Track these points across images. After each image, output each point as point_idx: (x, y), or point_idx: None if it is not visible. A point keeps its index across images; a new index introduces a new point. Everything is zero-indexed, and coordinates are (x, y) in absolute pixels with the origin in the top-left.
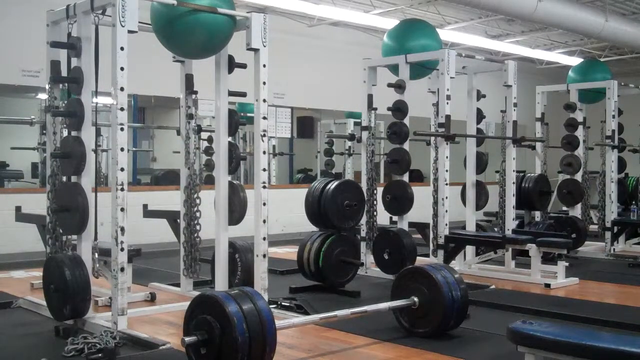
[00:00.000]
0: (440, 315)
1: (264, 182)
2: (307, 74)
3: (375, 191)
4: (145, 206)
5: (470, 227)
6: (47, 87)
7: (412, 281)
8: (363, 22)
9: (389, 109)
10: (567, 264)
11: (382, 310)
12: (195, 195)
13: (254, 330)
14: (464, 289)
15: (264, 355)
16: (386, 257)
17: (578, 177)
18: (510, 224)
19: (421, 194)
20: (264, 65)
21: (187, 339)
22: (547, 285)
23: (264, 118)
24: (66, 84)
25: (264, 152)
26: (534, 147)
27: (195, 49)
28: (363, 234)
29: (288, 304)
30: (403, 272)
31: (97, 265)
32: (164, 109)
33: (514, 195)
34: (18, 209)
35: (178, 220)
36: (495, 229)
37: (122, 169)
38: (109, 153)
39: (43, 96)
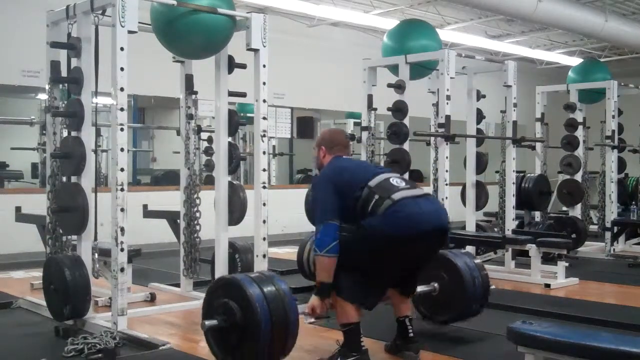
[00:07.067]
0: (463, 301)
1: (264, 183)
2: (307, 74)
3: None
4: (145, 206)
5: (470, 227)
6: (47, 87)
7: (432, 267)
8: (363, 22)
9: (389, 109)
10: (567, 264)
11: None
12: (195, 196)
13: (276, 314)
14: (485, 275)
15: (287, 339)
16: None
17: (578, 177)
18: (510, 224)
19: None
20: (264, 66)
21: (207, 322)
22: (547, 286)
23: (264, 118)
24: (66, 84)
25: (264, 153)
26: (534, 148)
27: (195, 49)
28: None
29: None
30: None
31: (97, 265)
32: (164, 109)
33: (514, 195)
34: (18, 209)
35: (178, 221)
36: (495, 229)
37: (122, 169)
38: (109, 153)
39: (43, 96)
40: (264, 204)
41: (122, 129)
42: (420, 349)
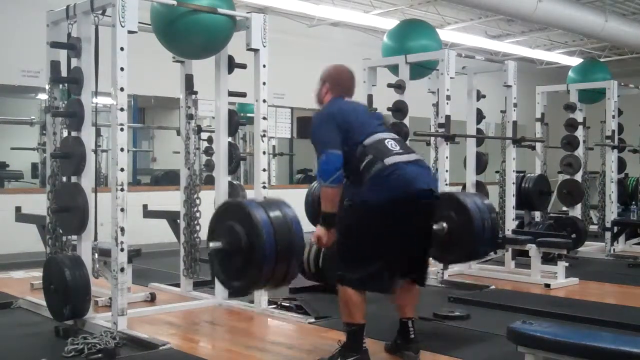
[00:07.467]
0: (471, 243)
1: (263, 183)
2: (307, 74)
3: None
4: (145, 206)
5: None
6: (47, 87)
7: (442, 207)
8: (363, 22)
9: (389, 109)
10: (567, 264)
11: None
12: (195, 196)
13: (281, 239)
14: (495, 218)
15: (291, 265)
16: None
17: (578, 177)
18: (510, 224)
19: None
20: (264, 66)
21: (212, 244)
22: (547, 286)
23: (264, 118)
24: (66, 85)
25: (264, 153)
26: (534, 147)
27: (195, 49)
28: None
29: (288, 304)
30: None
31: (97, 265)
32: (164, 109)
33: (514, 195)
34: (18, 209)
35: (178, 221)
36: None
37: (122, 169)
38: (109, 153)
39: (43, 96)
40: None
41: (122, 129)
42: (420, 349)
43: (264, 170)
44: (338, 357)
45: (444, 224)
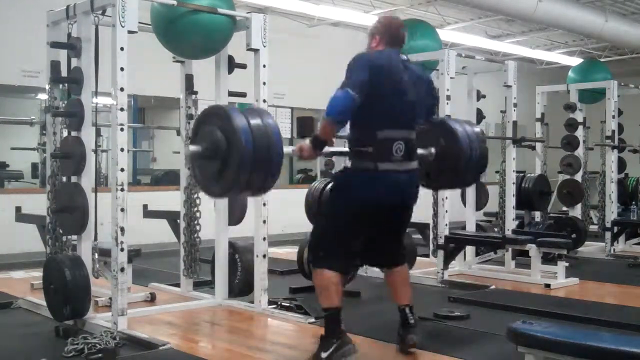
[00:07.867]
0: (457, 170)
1: None
2: (307, 74)
3: None
4: (145, 206)
5: (470, 227)
6: (47, 87)
7: (431, 132)
8: (363, 22)
9: None
10: (567, 264)
11: None
12: (195, 196)
13: (260, 147)
14: (484, 148)
15: (268, 173)
16: None
17: (578, 177)
18: (510, 224)
19: (421, 194)
20: (264, 66)
21: (192, 147)
22: (547, 286)
23: None
24: (66, 84)
25: None
26: (534, 147)
27: (195, 49)
28: None
29: (288, 304)
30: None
31: (97, 265)
32: (164, 109)
33: (514, 195)
34: (18, 209)
35: (178, 221)
36: (495, 229)
37: (122, 170)
38: (109, 153)
39: (43, 96)
40: (264, 204)
41: (122, 129)
42: (419, 333)
43: None
44: (320, 351)
45: (432, 149)
